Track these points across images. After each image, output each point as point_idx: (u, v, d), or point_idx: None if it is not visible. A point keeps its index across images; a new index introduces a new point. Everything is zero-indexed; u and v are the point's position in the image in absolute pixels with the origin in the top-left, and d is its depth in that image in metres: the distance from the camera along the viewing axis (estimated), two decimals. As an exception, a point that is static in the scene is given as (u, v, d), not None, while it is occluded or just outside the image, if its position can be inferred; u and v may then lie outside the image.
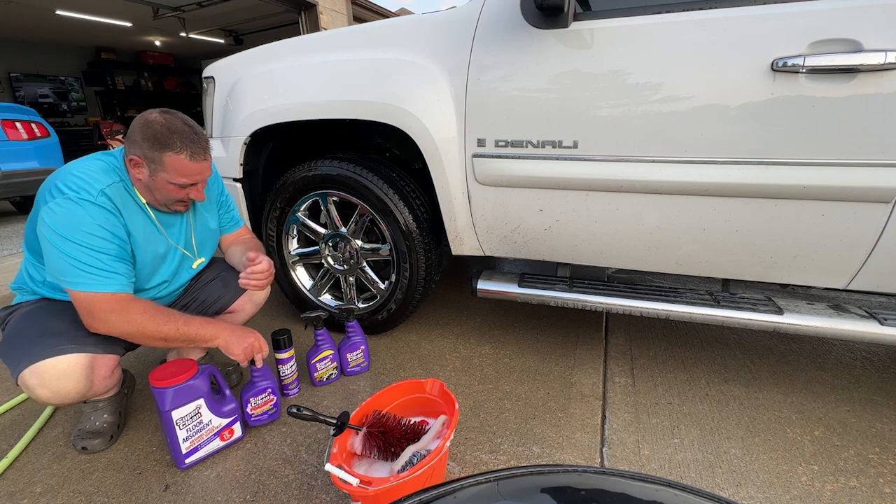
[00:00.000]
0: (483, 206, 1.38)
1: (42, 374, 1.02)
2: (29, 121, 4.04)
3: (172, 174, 1.06)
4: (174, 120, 1.05)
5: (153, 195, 1.11)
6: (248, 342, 1.20)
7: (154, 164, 1.05)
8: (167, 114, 1.06)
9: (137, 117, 1.06)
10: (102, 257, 1.01)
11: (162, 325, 1.08)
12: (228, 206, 1.42)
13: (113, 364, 1.15)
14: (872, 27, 0.93)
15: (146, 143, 1.03)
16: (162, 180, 1.07)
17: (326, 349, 1.46)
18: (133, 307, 1.05)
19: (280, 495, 1.06)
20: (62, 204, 0.99)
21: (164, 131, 1.02)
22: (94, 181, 1.03)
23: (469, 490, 0.41)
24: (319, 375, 1.48)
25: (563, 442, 1.22)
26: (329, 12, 7.85)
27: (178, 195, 1.11)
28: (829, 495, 1.04)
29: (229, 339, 1.17)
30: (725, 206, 1.13)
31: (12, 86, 8.18)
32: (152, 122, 1.03)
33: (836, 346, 1.68)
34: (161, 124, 1.03)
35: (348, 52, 1.48)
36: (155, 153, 1.03)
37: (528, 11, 1.14)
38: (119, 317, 1.04)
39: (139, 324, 1.05)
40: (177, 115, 1.07)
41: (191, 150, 1.05)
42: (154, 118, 1.04)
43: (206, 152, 1.10)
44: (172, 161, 1.04)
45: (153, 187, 1.09)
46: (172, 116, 1.06)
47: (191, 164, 1.06)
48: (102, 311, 1.02)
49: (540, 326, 1.86)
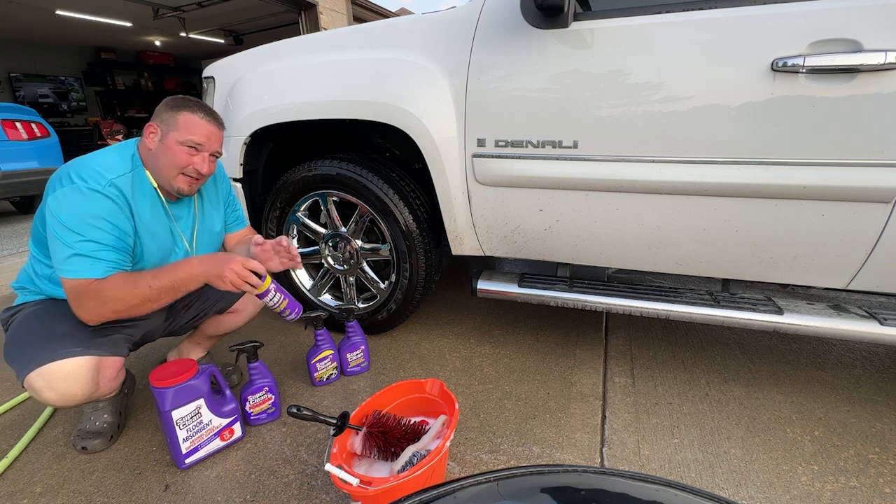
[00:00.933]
0: (483, 206, 1.38)
1: (49, 377, 1.02)
2: (29, 121, 4.04)
3: (182, 131, 1.08)
4: (195, 99, 1.14)
5: (158, 166, 1.10)
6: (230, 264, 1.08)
7: (167, 125, 1.09)
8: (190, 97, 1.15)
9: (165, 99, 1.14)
10: (94, 246, 1.00)
11: (133, 289, 1.03)
12: (235, 206, 1.43)
13: (118, 366, 1.15)
14: (872, 27, 0.93)
15: (164, 108, 1.11)
16: (171, 141, 1.09)
17: (326, 349, 1.46)
18: (103, 286, 1.01)
19: (280, 495, 1.06)
20: (68, 193, 1.00)
21: (184, 100, 1.12)
22: (106, 171, 1.05)
23: (469, 490, 0.41)
24: (319, 375, 1.48)
25: (563, 442, 1.22)
26: (329, 12, 7.85)
27: (183, 161, 1.09)
28: (829, 495, 1.04)
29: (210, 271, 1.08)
30: (725, 206, 1.13)
31: (12, 86, 8.17)
32: (176, 97, 1.13)
33: (836, 346, 1.68)
34: (184, 96, 1.13)
35: (348, 52, 1.48)
36: (171, 114, 1.09)
37: (528, 11, 1.14)
38: (95, 301, 1.02)
39: (116, 299, 1.02)
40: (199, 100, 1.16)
41: (204, 110, 1.12)
42: (178, 95, 1.14)
43: (218, 120, 1.15)
44: (185, 117, 1.09)
45: (160, 154, 1.09)
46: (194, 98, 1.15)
47: (202, 121, 1.10)
48: (83, 298, 1.02)
49: (540, 326, 1.86)
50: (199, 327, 1.44)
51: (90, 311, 1.03)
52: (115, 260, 1.03)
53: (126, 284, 1.03)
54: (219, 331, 1.44)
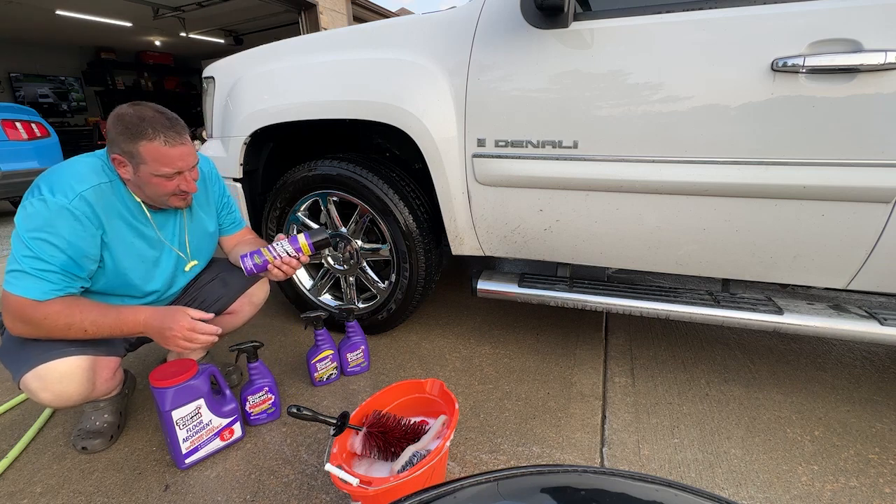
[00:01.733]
0: (483, 206, 1.38)
1: (44, 378, 1.01)
2: (29, 121, 4.04)
3: (152, 164, 1.01)
4: (143, 109, 1.02)
5: (144, 192, 1.08)
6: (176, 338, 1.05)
7: (133, 158, 1.01)
8: (136, 105, 1.03)
9: (110, 114, 1.03)
10: (40, 265, 0.96)
11: (65, 328, 1.00)
12: (230, 208, 1.41)
13: (115, 366, 1.15)
14: (872, 27, 0.93)
15: (121, 138, 1.00)
16: (146, 174, 1.03)
17: (326, 349, 1.46)
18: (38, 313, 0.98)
19: (280, 495, 1.06)
20: (34, 204, 0.96)
21: (134, 121, 0.99)
22: (78, 182, 1.00)
23: (469, 490, 0.41)
24: (319, 375, 1.48)
25: (563, 442, 1.22)
26: (329, 12, 7.85)
27: (168, 188, 1.07)
28: (829, 495, 1.04)
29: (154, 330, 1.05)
30: (725, 206, 1.13)
31: (12, 86, 8.18)
32: (123, 116, 1.01)
33: (836, 346, 1.68)
34: (131, 115, 1.00)
35: (348, 52, 1.48)
36: (131, 146, 1.00)
37: (528, 11, 1.14)
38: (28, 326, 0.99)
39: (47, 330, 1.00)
40: (146, 105, 1.04)
41: (164, 135, 1.01)
42: (124, 111, 1.01)
43: (182, 136, 1.05)
44: (148, 150, 1.00)
45: (141, 184, 1.05)
46: (142, 106, 1.03)
47: (167, 150, 1.02)
48: (17, 316, 0.98)
49: (540, 326, 1.86)
50: None
51: (20, 331, 1.01)
52: (57, 283, 0.98)
53: (60, 319, 0.99)
54: None
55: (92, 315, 1.02)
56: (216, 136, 1.75)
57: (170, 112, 1.06)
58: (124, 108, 1.02)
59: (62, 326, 1.00)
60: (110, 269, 1.09)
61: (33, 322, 0.99)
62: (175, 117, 1.06)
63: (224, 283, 1.37)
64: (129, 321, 1.05)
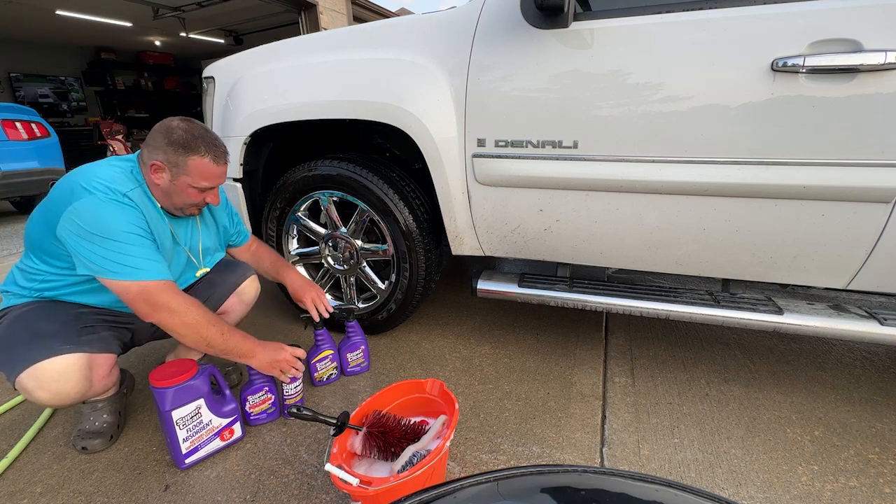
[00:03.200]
0: (483, 206, 1.38)
1: (40, 377, 1.01)
2: (29, 121, 4.04)
3: (195, 177, 1.09)
4: (195, 126, 1.10)
5: (170, 199, 1.13)
6: (280, 358, 1.21)
7: (177, 168, 1.07)
8: (188, 121, 1.10)
9: (158, 125, 1.10)
10: (145, 250, 1.03)
11: (211, 325, 1.08)
12: (238, 217, 1.47)
13: (111, 363, 1.15)
14: (872, 27, 0.93)
15: (170, 149, 1.06)
16: (183, 184, 1.10)
17: (326, 349, 1.46)
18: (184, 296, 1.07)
19: (280, 495, 1.06)
20: (95, 203, 1.00)
21: (187, 137, 1.07)
22: (119, 184, 1.06)
23: (469, 490, 0.41)
24: (319, 375, 1.48)
25: (563, 442, 1.22)
26: (329, 12, 7.85)
27: (196, 199, 1.14)
28: (829, 495, 1.04)
29: (262, 364, 1.19)
30: (725, 206, 1.13)
31: (12, 86, 8.18)
32: (175, 129, 1.07)
33: (836, 346, 1.68)
34: (184, 130, 1.07)
35: (348, 52, 1.48)
36: (179, 157, 1.06)
37: (528, 11, 1.14)
38: (179, 303, 1.05)
39: (194, 316, 1.06)
40: (196, 123, 1.12)
41: (213, 153, 1.10)
42: (177, 125, 1.08)
43: (226, 157, 1.15)
44: (197, 164, 1.08)
45: (173, 191, 1.11)
46: (193, 123, 1.10)
47: (214, 167, 1.10)
48: (162, 297, 1.03)
49: (540, 326, 1.86)
50: None
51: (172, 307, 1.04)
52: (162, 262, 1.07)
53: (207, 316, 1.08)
54: None
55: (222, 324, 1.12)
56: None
57: (213, 132, 1.15)
58: (176, 121, 1.09)
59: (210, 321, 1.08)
60: None
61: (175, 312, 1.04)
62: (219, 138, 1.15)
63: (211, 284, 1.38)
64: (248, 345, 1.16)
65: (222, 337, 1.10)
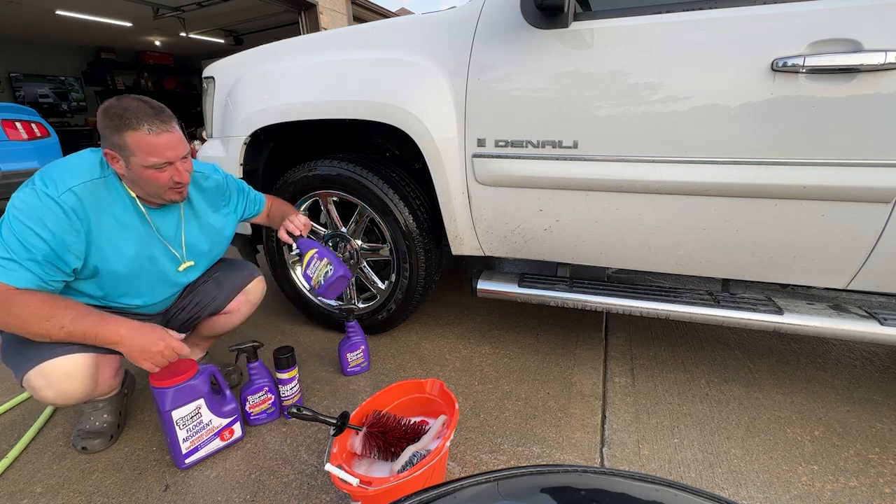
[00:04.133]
0: (483, 206, 1.38)
1: (48, 375, 1.01)
2: (29, 121, 4.03)
3: (140, 155, 1.00)
4: (127, 100, 1.01)
5: (141, 187, 1.07)
6: (156, 350, 1.06)
7: (123, 150, 1.00)
8: (120, 98, 1.02)
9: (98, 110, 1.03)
10: (23, 252, 0.95)
11: (43, 320, 0.96)
12: (245, 192, 1.43)
13: (117, 364, 1.15)
14: (872, 27, 0.93)
15: (108, 131, 1.00)
16: (137, 167, 1.02)
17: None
18: (15, 300, 0.94)
19: (280, 495, 1.06)
20: (26, 193, 0.97)
21: (118, 112, 0.99)
22: (71, 177, 1.00)
23: (469, 490, 0.41)
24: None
25: (563, 442, 1.22)
26: (329, 12, 7.85)
27: (161, 180, 1.05)
28: (829, 495, 1.04)
29: (132, 346, 1.04)
30: (725, 206, 1.13)
31: (12, 86, 8.17)
32: (107, 109, 1.00)
33: (836, 346, 1.68)
34: (115, 107, 1.00)
35: (348, 52, 1.48)
36: (117, 138, 0.99)
37: (528, 11, 1.14)
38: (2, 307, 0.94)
39: (21, 319, 0.95)
40: (130, 96, 1.03)
41: (148, 124, 1.00)
42: (109, 104, 1.01)
43: (168, 125, 1.03)
44: (135, 140, 0.99)
45: (135, 178, 1.04)
46: (125, 98, 1.02)
47: (153, 138, 1.00)
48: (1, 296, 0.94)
49: (540, 326, 1.86)
50: (195, 328, 1.44)
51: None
52: (37, 273, 0.96)
53: (39, 312, 0.96)
54: (214, 331, 1.44)
55: (72, 313, 1.00)
56: (216, 136, 1.75)
57: (155, 101, 1.05)
58: (109, 101, 1.02)
59: (42, 317, 0.97)
60: (101, 269, 1.08)
61: (11, 310, 0.95)
62: (160, 106, 1.05)
63: (218, 284, 1.37)
64: (109, 329, 1.03)
65: (62, 330, 0.98)
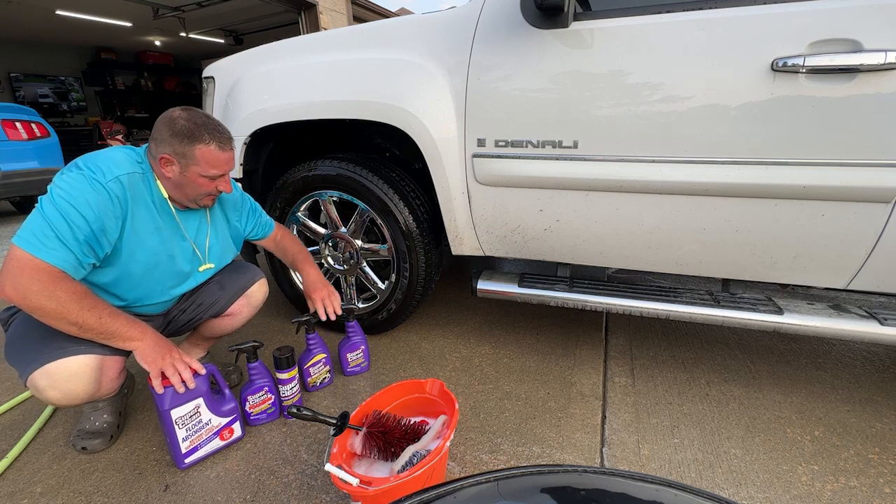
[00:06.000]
0: (483, 206, 1.38)
1: (53, 376, 1.01)
2: (29, 121, 4.04)
3: (204, 166, 1.09)
4: (197, 115, 1.10)
5: (183, 191, 1.14)
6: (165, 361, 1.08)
7: (185, 158, 1.08)
8: (189, 110, 1.10)
9: (160, 117, 1.10)
10: (66, 231, 0.96)
11: (86, 309, 0.99)
12: (257, 213, 1.45)
13: (120, 366, 1.15)
14: (872, 27, 0.93)
15: (175, 140, 1.07)
16: (193, 174, 1.10)
17: (319, 353, 1.44)
18: (62, 284, 0.97)
19: (280, 495, 1.06)
20: (73, 177, 1.00)
21: (191, 126, 1.07)
22: (116, 167, 1.05)
23: (469, 490, 0.41)
24: (312, 380, 1.45)
25: (563, 442, 1.22)
26: (329, 12, 7.85)
27: (209, 188, 1.14)
28: (829, 495, 1.04)
29: (146, 350, 1.07)
30: (725, 206, 1.13)
31: (12, 86, 8.17)
32: (177, 119, 1.08)
33: (836, 346, 1.68)
34: (186, 119, 1.08)
35: (348, 52, 1.48)
36: (185, 148, 1.07)
37: (528, 11, 1.14)
38: (43, 286, 0.95)
39: (60, 301, 0.96)
40: (198, 111, 1.12)
41: (218, 140, 1.10)
42: (178, 115, 1.08)
43: (231, 143, 1.15)
44: (203, 153, 1.08)
45: (184, 183, 1.12)
46: (195, 112, 1.11)
47: (220, 153, 1.11)
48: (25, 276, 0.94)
49: (540, 326, 1.86)
50: (196, 329, 1.44)
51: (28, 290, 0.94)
52: (76, 253, 0.98)
53: (82, 301, 0.99)
54: (216, 332, 1.44)
55: (108, 306, 1.05)
56: (216, 136, 1.75)
57: (217, 120, 1.15)
58: (178, 111, 1.09)
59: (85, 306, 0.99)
60: (122, 258, 1.10)
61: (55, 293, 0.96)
62: (222, 125, 1.15)
63: (221, 286, 1.37)
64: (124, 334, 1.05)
65: (100, 321, 1.01)
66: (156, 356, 1.07)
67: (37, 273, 0.95)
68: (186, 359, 1.11)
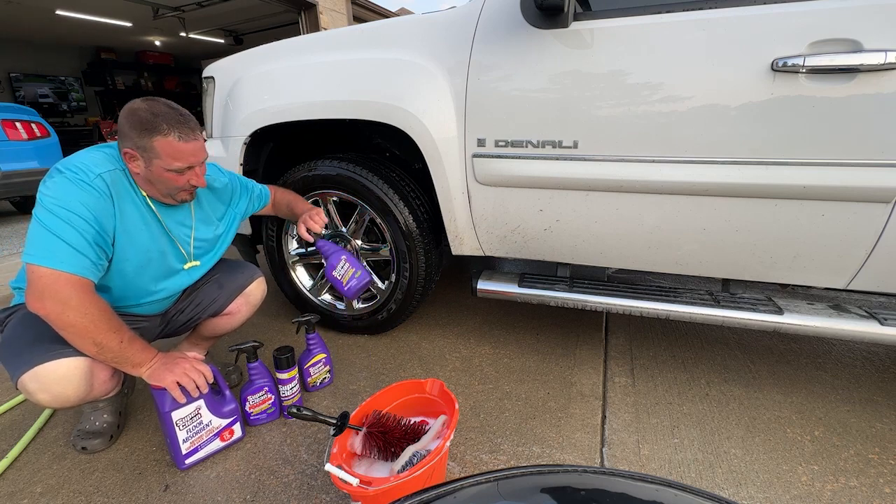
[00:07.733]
0: (483, 206, 1.38)
1: (42, 379, 1.00)
2: (29, 121, 4.04)
3: (166, 159, 1.03)
4: (157, 105, 1.04)
5: (154, 187, 1.09)
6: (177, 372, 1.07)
7: (146, 152, 1.03)
8: (150, 100, 1.04)
9: (122, 109, 1.04)
10: (75, 237, 0.96)
11: (111, 331, 0.99)
12: (250, 189, 1.43)
13: (112, 368, 1.15)
14: (872, 27, 0.93)
15: (134, 132, 1.01)
16: (158, 168, 1.04)
17: (319, 353, 1.44)
18: (94, 299, 0.98)
19: (280, 495, 1.06)
20: (58, 181, 0.98)
21: (148, 116, 1.01)
22: (95, 166, 1.02)
23: (469, 490, 0.41)
24: (312, 380, 1.45)
25: (563, 442, 1.22)
26: (329, 12, 7.85)
27: (179, 183, 1.09)
28: (829, 495, 1.04)
29: (157, 371, 1.06)
30: (725, 206, 1.13)
31: (12, 86, 8.18)
32: (136, 110, 1.02)
33: (836, 346, 1.68)
34: (145, 110, 1.02)
35: (348, 52, 1.48)
36: (144, 141, 1.01)
37: (528, 11, 1.14)
38: (80, 301, 0.95)
39: (93, 319, 0.96)
40: (160, 101, 1.05)
41: (178, 131, 1.03)
42: (137, 106, 1.03)
43: (195, 132, 1.07)
44: (162, 145, 1.02)
45: (152, 179, 1.07)
46: (155, 102, 1.04)
47: (181, 145, 1.04)
48: (62, 292, 0.94)
49: (540, 326, 1.86)
50: (195, 329, 1.44)
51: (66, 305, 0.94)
52: (92, 259, 0.98)
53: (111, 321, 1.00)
54: (215, 332, 1.44)
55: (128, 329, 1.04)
56: (216, 136, 1.75)
57: (182, 108, 1.08)
58: (137, 102, 1.03)
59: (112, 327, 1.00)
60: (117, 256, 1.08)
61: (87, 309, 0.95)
62: (187, 113, 1.08)
63: (219, 285, 1.37)
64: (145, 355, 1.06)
65: (120, 345, 1.00)
66: (167, 373, 1.06)
67: (69, 286, 0.95)
68: (198, 365, 1.11)
